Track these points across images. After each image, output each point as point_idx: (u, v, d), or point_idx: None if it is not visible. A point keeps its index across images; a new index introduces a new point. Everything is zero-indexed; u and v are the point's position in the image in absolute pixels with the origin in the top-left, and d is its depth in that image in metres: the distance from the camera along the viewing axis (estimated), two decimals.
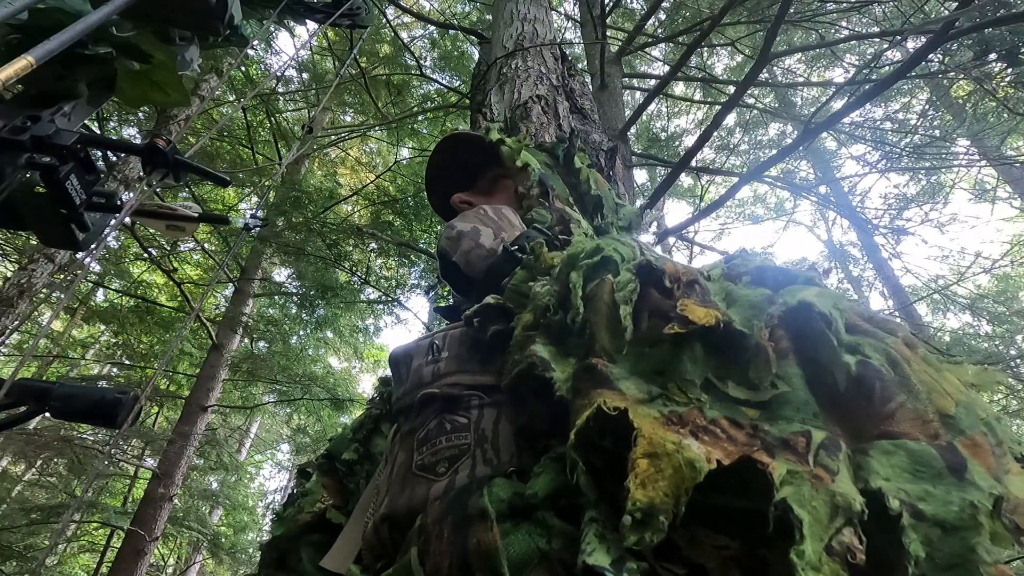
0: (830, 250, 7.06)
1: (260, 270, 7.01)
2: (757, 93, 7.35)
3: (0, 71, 0.52)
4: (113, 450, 5.77)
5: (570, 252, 0.50)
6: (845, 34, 5.06)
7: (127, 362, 7.31)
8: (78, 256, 3.21)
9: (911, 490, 0.29)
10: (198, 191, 6.05)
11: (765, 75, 6.29)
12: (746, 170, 6.05)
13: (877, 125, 5.74)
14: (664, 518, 0.29)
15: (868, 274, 6.84)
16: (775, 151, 5.02)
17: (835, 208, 5.93)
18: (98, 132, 4.21)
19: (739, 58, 6.53)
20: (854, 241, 6.90)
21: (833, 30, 5.09)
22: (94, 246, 0.77)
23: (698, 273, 0.44)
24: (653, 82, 5.05)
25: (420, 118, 6.41)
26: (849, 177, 6.19)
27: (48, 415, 0.63)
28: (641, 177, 7.31)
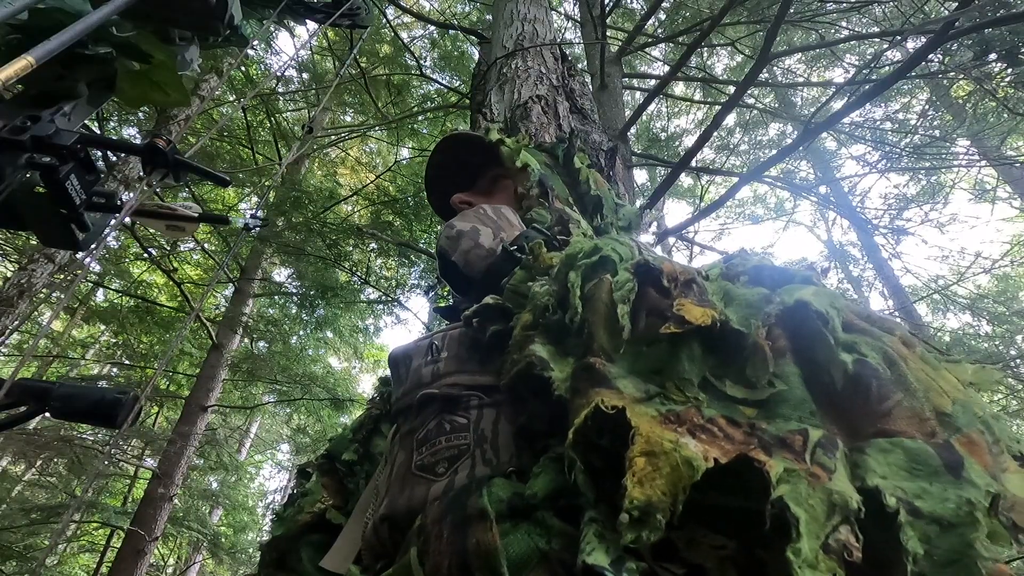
0: (830, 250, 7.05)
1: (260, 270, 7.01)
2: (757, 93, 7.35)
3: (0, 71, 0.52)
4: (113, 450, 5.77)
5: (568, 252, 0.50)
6: (845, 34, 5.06)
7: (127, 362, 7.31)
8: (78, 256, 3.21)
9: (908, 488, 0.29)
10: (198, 191, 6.05)
11: (765, 75, 6.28)
12: (746, 170, 6.05)
13: (877, 125, 5.74)
14: (662, 516, 0.29)
15: (868, 274, 6.84)
16: (775, 151, 5.02)
17: (835, 208, 5.92)
18: (98, 132, 4.21)
19: (739, 58, 6.53)
20: (854, 241, 6.90)
21: (833, 30, 5.10)
22: (94, 246, 0.77)
23: (696, 273, 0.44)
24: (653, 82, 5.05)
25: (420, 118, 6.41)
26: (849, 177, 6.19)
27: (48, 415, 0.63)
28: (641, 177, 7.32)
